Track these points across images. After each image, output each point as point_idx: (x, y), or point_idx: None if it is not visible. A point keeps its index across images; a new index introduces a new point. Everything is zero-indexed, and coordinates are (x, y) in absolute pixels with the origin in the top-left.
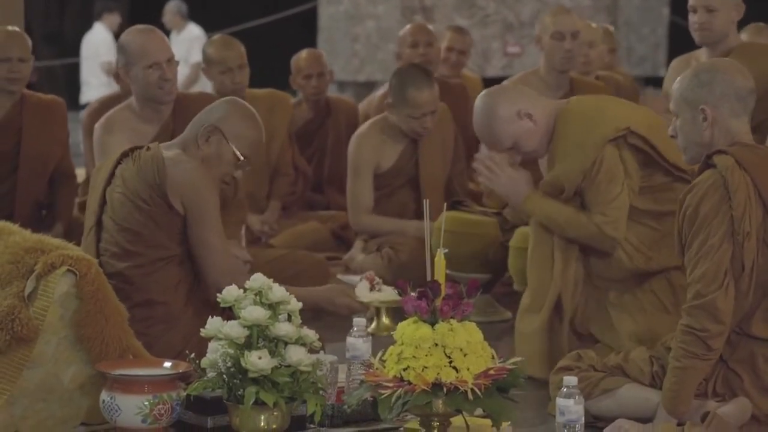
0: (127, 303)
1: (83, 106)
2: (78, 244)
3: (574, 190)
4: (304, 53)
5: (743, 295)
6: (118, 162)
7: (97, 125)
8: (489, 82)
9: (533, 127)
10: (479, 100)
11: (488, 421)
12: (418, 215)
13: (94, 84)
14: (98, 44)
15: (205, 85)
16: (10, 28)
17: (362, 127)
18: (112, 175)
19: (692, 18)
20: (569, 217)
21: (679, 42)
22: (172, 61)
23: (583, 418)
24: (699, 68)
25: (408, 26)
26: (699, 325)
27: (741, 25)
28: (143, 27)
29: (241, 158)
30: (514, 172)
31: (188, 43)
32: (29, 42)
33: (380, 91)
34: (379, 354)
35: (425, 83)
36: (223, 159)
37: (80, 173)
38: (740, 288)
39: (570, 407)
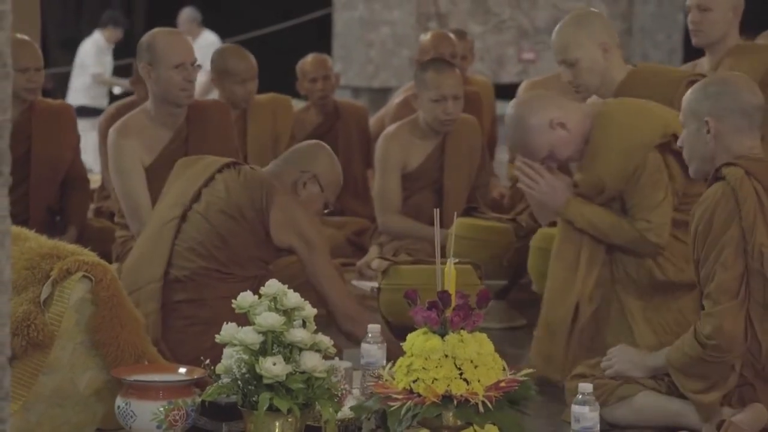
0: (180, 296)
1: None
2: (93, 249)
3: (613, 194)
4: (309, 58)
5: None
6: (220, 169)
7: (111, 129)
8: (503, 88)
9: (567, 135)
10: (510, 110)
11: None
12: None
13: (76, 90)
14: (87, 54)
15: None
16: (19, 37)
17: (390, 127)
18: (212, 178)
19: (688, 19)
20: (613, 223)
21: (695, 48)
22: (195, 65)
23: (598, 426)
24: (709, 80)
25: (429, 34)
26: (711, 341)
27: (748, 29)
28: (171, 29)
29: (331, 207)
30: (554, 178)
31: (204, 50)
32: (40, 50)
33: (397, 99)
34: (389, 365)
35: (445, 67)
36: (314, 205)
37: (95, 179)
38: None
39: (585, 414)
